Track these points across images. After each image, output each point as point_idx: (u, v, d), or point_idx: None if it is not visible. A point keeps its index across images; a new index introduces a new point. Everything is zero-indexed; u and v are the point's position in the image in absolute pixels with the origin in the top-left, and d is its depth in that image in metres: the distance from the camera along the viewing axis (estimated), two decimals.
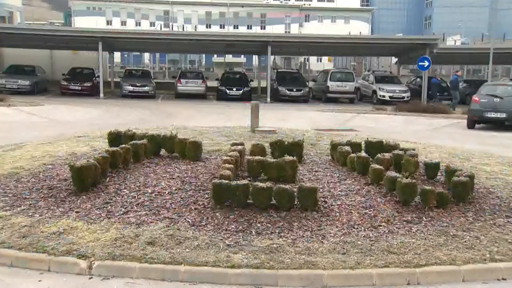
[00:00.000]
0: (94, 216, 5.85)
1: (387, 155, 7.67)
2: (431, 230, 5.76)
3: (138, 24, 72.86)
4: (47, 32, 30.60)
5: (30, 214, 5.92)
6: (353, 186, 7.01)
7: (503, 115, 17.48)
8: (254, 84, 32.73)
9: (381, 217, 6.03)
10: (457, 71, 31.99)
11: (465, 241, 5.51)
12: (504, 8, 79.28)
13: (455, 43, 56.22)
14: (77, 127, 15.02)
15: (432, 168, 7.58)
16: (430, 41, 29.12)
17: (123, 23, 72.79)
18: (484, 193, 7.19)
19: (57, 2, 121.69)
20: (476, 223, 6.06)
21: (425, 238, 5.54)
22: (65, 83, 28.53)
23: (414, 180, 6.47)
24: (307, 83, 31.81)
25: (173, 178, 7.11)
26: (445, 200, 6.36)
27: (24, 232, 5.41)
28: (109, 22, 72.07)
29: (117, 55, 48.11)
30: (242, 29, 72.86)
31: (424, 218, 6.07)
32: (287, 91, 28.92)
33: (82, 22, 68.22)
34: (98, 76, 29.19)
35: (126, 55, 60.42)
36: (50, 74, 32.71)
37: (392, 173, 6.77)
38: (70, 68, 30.71)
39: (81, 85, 28.47)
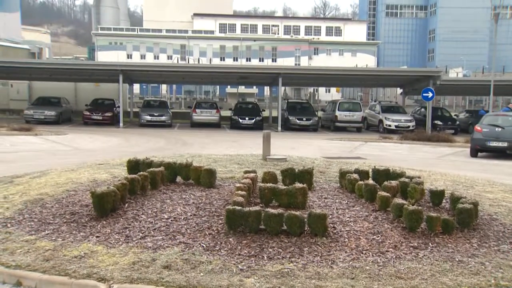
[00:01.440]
0: (113, 241, 5.86)
1: (393, 183, 7.62)
2: (437, 255, 5.68)
3: (156, 57, 74.02)
4: (72, 66, 31.22)
5: (54, 238, 5.95)
6: (361, 213, 6.96)
7: (505, 144, 17.41)
8: (265, 113, 32.85)
9: (389, 242, 5.97)
10: (510, 103, 31.80)
11: (471, 267, 5.42)
12: (502, 43, 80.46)
13: (457, 75, 56.54)
14: (98, 155, 15.15)
15: (437, 195, 7.51)
16: (433, 73, 29.14)
17: (143, 56, 73.99)
18: (488, 220, 7.10)
19: (82, 38, 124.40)
20: (481, 249, 5.97)
21: (432, 264, 5.46)
22: (88, 113, 28.95)
23: (420, 207, 6.42)
24: (316, 112, 31.88)
25: (189, 204, 7.12)
26: (450, 226, 6.29)
27: (47, 256, 5.43)
28: (129, 56, 73.29)
29: (136, 87, 48.76)
30: (254, 62, 73.69)
31: (430, 244, 6.00)
32: (297, 120, 29.00)
33: (104, 56, 69.51)
34: (118, 107, 29.57)
35: (144, 87, 61.13)
36: (74, 105, 33.26)
37: (398, 200, 6.72)
38: (92, 99, 31.22)
39: (102, 115, 28.87)
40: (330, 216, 6.62)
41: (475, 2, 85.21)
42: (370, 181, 7.92)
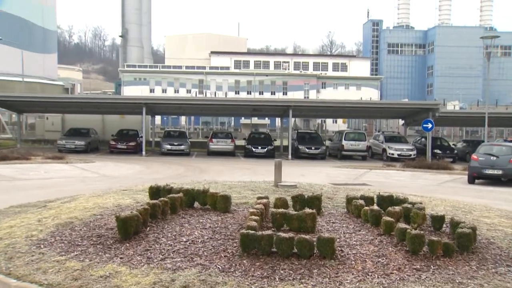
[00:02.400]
0: (135, 262, 5.85)
1: (397, 208, 7.55)
2: (439, 277, 5.58)
3: (176, 91, 74.89)
4: (100, 100, 31.78)
5: (82, 259, 5.96)
6: (367, 237, 6.88)
7: (499, 172, 17.45)
8: (277, 143, 32.87)
9: (393, 265, 5.88)
10: None
11: None
12: (495, 79, 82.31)
13: (454, 107, 56.79)
14: (122, 181, 15.24)
15: (438, 220, 7.42)
16: (432, 106, 29.11)
17: (164, 90, 74.92)
18: (485, 243, 6.97)
19: (110, 75, 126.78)
20: (479, 271, 5.85)
21: (434, 285, 5.36)
22: (113, 143, 29.23)
23: (422, 231, 6.33)
24: (324, 142, 31.86)
25: (205, 228, 7.10)
26: (451, 250, 6.19)
27: (76, 275, 5.44)
28: (152, 90, 74.28)
29: (157, 118, 49.15)
30: (267, 95, 74.23)
31: (432, 266, 5.90)
32: (306, 149, 28.94)
33: (129, 91, 70.65)
34: (141, 137, 29.82)
35: (165, 118, 61.69)
36: (101, 135, 33.62)
37: (402, 225, 6.64)
38: (118, 130, 31.54)
39: (126, 144, 29.12)
40: (338, 240, 6.55)
41: (469, 41, 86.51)
42: (375, 207, 7.85)
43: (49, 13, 75.69)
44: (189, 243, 6.46)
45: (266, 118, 60.82)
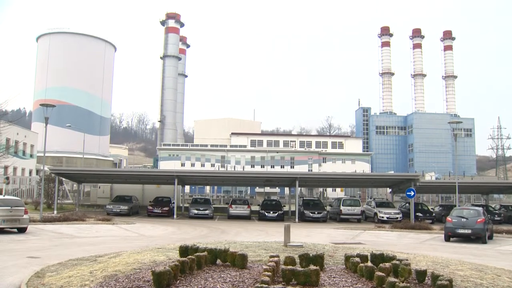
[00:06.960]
0: None
1: (387, 265, 7.38)
2: None
3: (202, 165, 75.58)
4: (141, 173, 32.19)
5: None
6: None
7: (469, 231, 17.62)
8: (286, 208, 32.44)
9: None
10: None
11: None
12: (461, 154, 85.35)
13: (431, 178, 56.32)
14: (157, 240, 15.10)
15: (421, 274, 7.23)
16: (413, 177, 28.90)
17: (192, 164, 75.70)
18: None
19: (149, 152, 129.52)
20: None
21: None
22: (151, 208, 29.19)
23: (408, 284, 6.16)
24: (325, 207, 31.37)
25: (226, 282, 6.97)
26: None
27: None
28: (182, 164, 75.08)
29: (187, 187, 49.18)
30: (277, 168, 74.41)
31: None
32: (310, 213, 28.50)
33: (165, 165, 71.67)
34: (173, 203, 29.76)
35: (193, 187, 61.74)
36: (141, 201, 33.66)
37: (392, 279, 6.47)
38: (154, 197, 31.63)
39: (161, 209, 29.04)
40: None
41: (439, 125, 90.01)
42: (369, 264, 7.68)
43: (106, 105, 79.64)
44: None
45: (277, 188, 60.53)
